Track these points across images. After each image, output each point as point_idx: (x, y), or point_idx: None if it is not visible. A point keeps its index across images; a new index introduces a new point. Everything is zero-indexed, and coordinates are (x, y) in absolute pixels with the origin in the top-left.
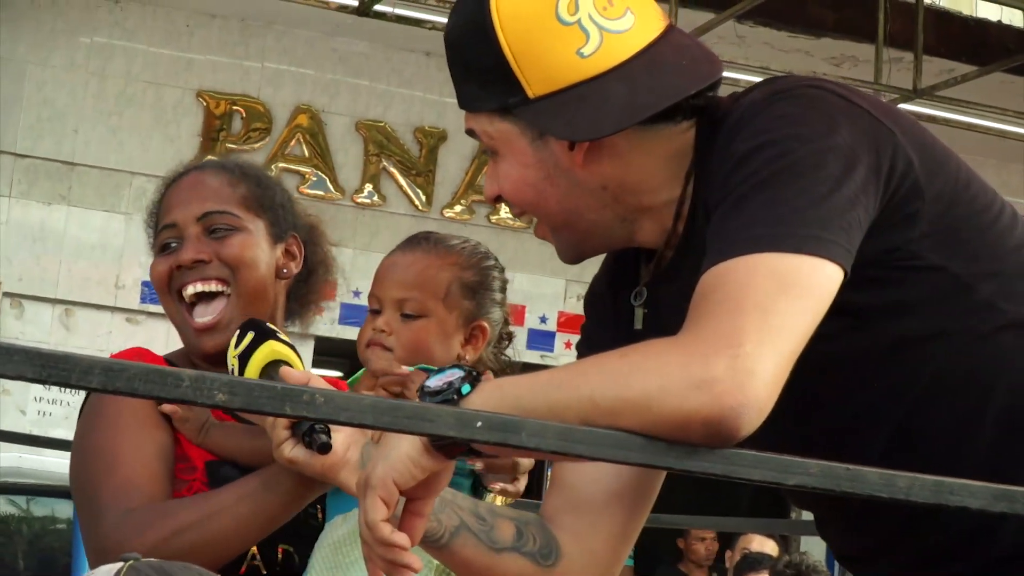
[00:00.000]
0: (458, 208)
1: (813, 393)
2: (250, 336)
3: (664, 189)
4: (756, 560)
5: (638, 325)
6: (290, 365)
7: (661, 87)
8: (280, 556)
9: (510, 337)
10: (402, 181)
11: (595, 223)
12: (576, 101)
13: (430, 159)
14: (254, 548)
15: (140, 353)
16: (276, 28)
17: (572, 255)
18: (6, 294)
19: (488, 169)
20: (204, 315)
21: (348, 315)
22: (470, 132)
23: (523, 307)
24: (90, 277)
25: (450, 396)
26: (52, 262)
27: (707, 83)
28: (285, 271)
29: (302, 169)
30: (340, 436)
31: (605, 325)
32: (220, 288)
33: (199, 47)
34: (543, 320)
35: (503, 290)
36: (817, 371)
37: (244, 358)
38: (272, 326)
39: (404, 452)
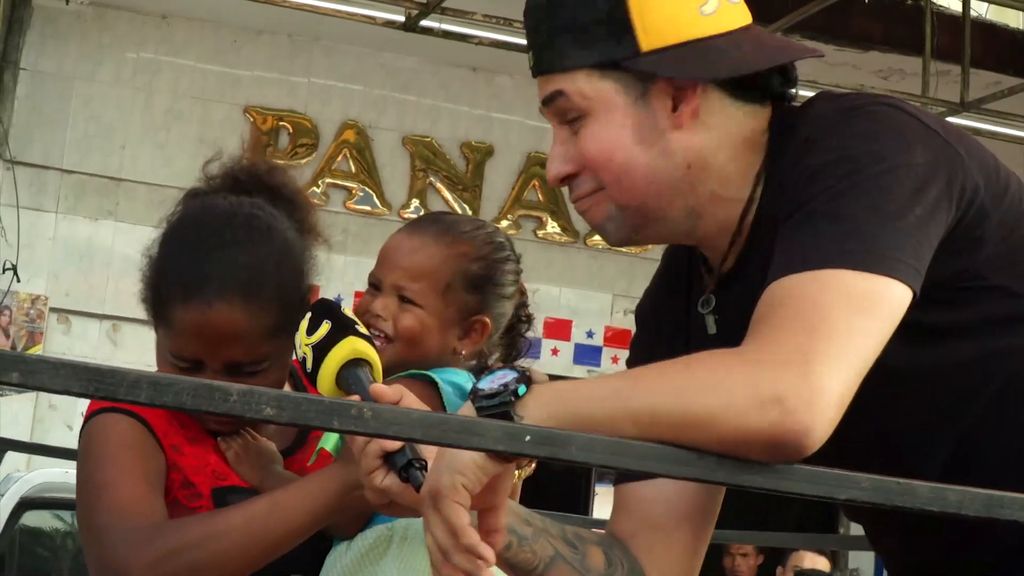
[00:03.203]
0: (504, 223)
1: (873, 410)
2: (326, 326)
3: (736, 182)
4: None
5: (712, 330)
6: (370, 364)
7: (767, 52)
8: None
9: (529, 319)
10: (448, 196)
11: (666, 210)
12: (689, 53)
13: (477, 174)
14: None
15: None
16: (323, 44)
17: (624, 237)
18: (53, 309)
19: (555, 147)
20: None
21: None
22: (552, 97)
23: (570, 321)
24: (136, 292)
25: (507, 399)
26: (99, 278)
27: (806, 56)
28: None
29: (349, 184)
30: None
31: (662, 338)
32: None
33: (246, 63)
34: (590, 335)
35: (515, 282)
36: (878, 388)
37: (320, 350)
38: (349, 314)
39: (469, 458)
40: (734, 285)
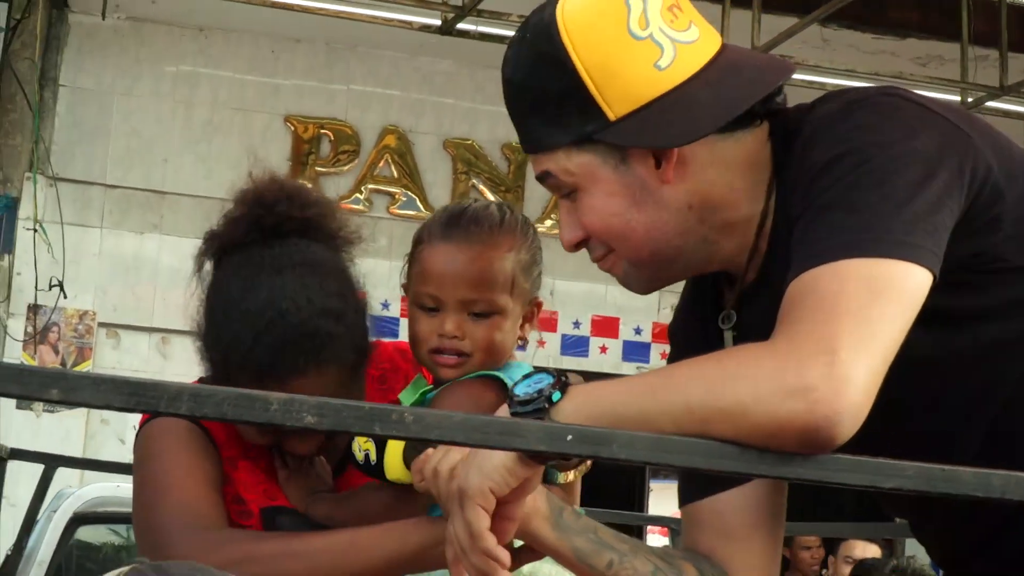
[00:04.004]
0: (548, 223)
1: (903, 398)
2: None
3: (746, 203)
4: (873, 567)
5: (730, 346)
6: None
7: (744, 85)
8: None
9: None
10: (492, 197)
11: (680, 248)
12: (661, 113)
13: (519, 175)
14: None
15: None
16: (360, 50)
17: (646, 286)
18: (102, 324)
19: (563, 216)
20: None
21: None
22: (543, 176)
23: (617, 319)
24: (184, 304)
25: (541, 405)
26: (147, 291)
27: (788, 75)
28: None
29: (391, 190)
30: None
31: (693, 354)
32: None
33: (285, 72)
34: (638, 331)
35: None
36: (906, 376)
37: (381, 441)
38: None
39: (499, 461)
40: (756, 298)
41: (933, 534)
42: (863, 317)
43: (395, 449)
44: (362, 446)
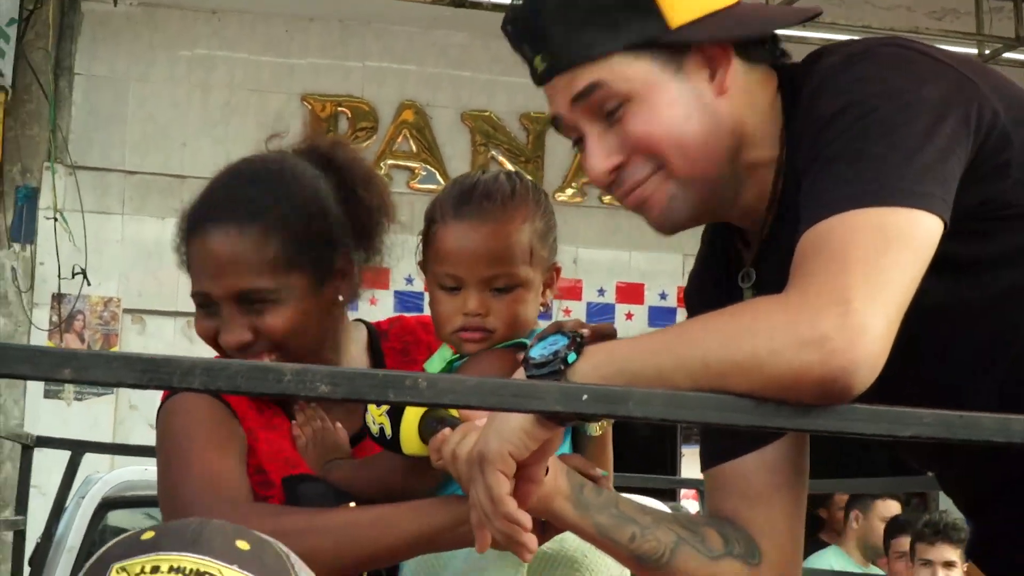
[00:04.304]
0: (570, 191)
1: (917, 348)
2: None
3: (767, 145)
4: (907, 521)
5: None
6: (449, 412)
7: (781, 14)
8: None
9: None
10: (511, 168)
11: (721, 179)
12: (715, 21)
13: (538, 145)
14: None
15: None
16: (374, 26)
17: (687, 215)
18: (127, 310)
19: (593, 144)
20: None
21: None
22: (587, 90)
23: (642, 285)
24: None
25: (557, 367)
26: (170, 275)
27: (812, 15)
28: (341, 297)
29: (411, 164)
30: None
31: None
32: (271, 359)
33: (299, 51)
34: (663, 296)
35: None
36: (920, 325)
37: (394, 412)
38: None
39: (517, 424)
40: (770, 255)
41: (955, 482)
42: (875, 266)
43: (411, 424)
44: (376, 419)
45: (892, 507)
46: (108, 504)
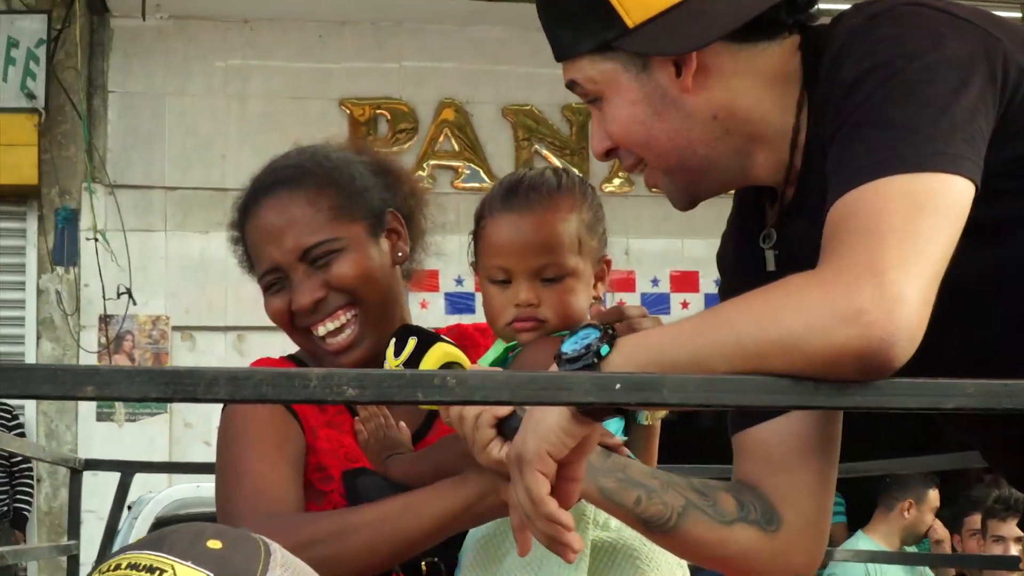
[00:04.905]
0: (617, 181)
1: (952, 314)
2: (413, 342)
3: (774, 117)
4: (977, 498)
5: (771, 267)
6: (462, 367)
7: None
8: (425, 570)
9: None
10: (556, 162)
11: (708, 158)
12: (678, 20)
13: (582, 136)
14: None
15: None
16: (409, 26)
17: (686, 199)
18: (175, 328)
19: (592, 125)
20: (338, 338)
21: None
22: (571, 84)
23: (696, 272)
24: (258, 299)
25: (590, 361)
26: (218, 290)
27: None
28: (400, 254)
29: (454, 164)
30: None
31: (743, 278)
32: (348, 315)
33: (335, 56)
34: (719, 283)
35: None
36: (954, 290)
37: (411, 364)
38: (432, 330)
39: (554, 422)
40: (795, 216)
41: (1001, 455)
42: (908, 234)
43: None
44: (391, 368)
45: (936, 497)
46: (162, 524)
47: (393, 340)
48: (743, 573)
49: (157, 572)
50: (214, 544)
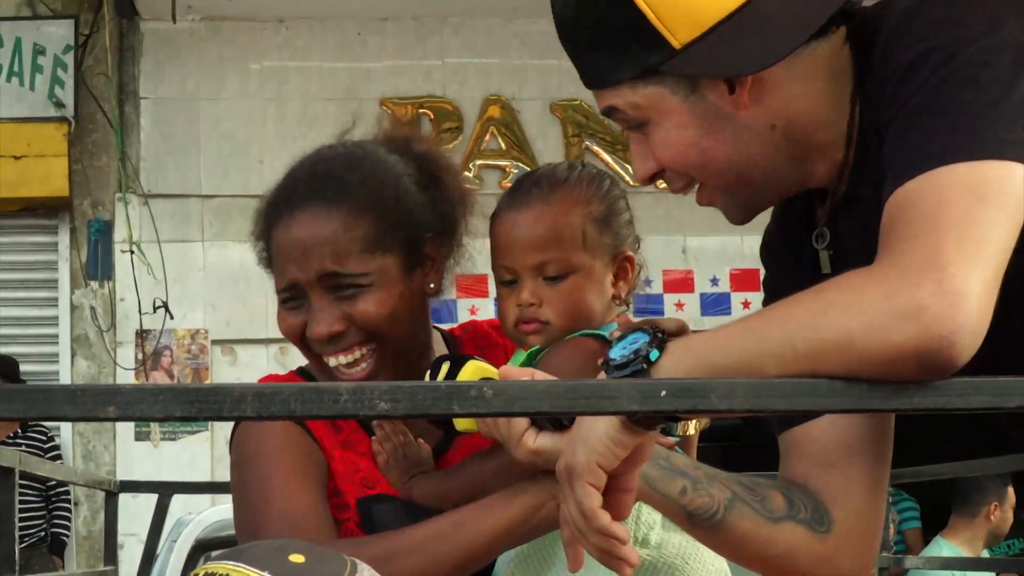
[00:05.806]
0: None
1: (1013, 305)
2: (446, 366)
3: (832, 117)
4: None
5: (826, 269)
6: (493, 376)
7: (802, 8)
8: None
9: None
10: (608, 158)
11: (769, 170)
12: (731, 35)
13: None
14: None
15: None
16: (451, 22)
17: (743, 214)
18: (215, 342)
19: (633, 148)
20: (351, 371)
21: None
22: (609, 111)
23: (757, 271)
24: None
25: (639, 366)
26: (259, 301)
27: None
28: (431, 286)
29: (501, 163)
30: None
31: (788, 276)
32: (363, 351)
33: (375, 54)
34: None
35: (629, 207)
36: (1016, 280)
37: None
38: (463, 355)
39: (603, 432)
40: (848, 213)
41: None
42: (969, 226)
43: None
44: None
45: (1013, 494)
46: (203, 546)
47: (428, 371)
48: None
49: None
50: (296, 558)
